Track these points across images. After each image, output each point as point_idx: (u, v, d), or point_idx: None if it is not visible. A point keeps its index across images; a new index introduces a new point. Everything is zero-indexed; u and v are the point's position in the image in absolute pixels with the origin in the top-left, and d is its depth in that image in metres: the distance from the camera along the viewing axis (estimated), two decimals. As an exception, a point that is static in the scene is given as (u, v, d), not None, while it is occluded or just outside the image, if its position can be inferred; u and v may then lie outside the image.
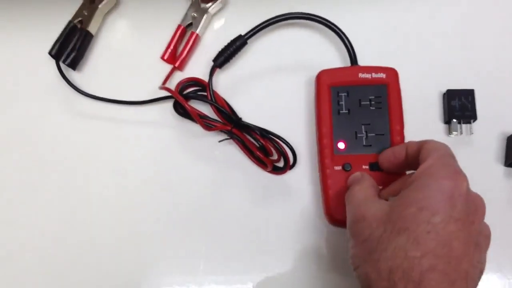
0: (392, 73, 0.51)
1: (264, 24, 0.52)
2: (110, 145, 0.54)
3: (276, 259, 0.51)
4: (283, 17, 0.52)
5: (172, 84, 0.54)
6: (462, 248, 0.36)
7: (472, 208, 0.38)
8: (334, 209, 0.49)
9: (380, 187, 0.47)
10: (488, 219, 0.48)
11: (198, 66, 0.56)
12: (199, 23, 0.56)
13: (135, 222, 0.52)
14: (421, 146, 0.43)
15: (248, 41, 0.53)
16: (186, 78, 0.53)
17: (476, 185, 0.49)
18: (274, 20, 0.52)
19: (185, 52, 0.55)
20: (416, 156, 0.43)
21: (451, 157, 0.41)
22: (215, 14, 0.58)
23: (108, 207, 0.53)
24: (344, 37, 0.52)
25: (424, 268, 0.35)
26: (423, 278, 0.35)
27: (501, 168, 0.52)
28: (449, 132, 0.52)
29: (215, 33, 0.58)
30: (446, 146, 0.42)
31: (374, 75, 0.51)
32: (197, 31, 0.56)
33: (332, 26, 0.52)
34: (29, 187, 0.54)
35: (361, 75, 0.51)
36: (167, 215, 0.52)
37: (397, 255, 0.36)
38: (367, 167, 0.49)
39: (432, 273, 0.35)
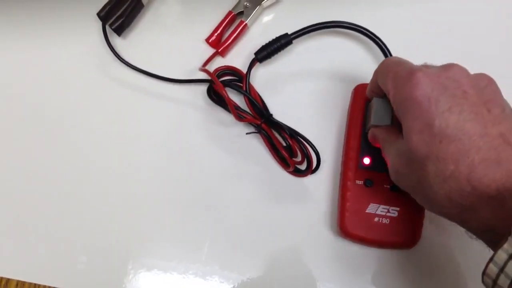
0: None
1: (311, 28, 0.56)
2: (137, 117, 0.58)
3: (278, 260, 0.54)
4: (332, 24, 0.56)
5: (211, 68, 0.57)
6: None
7: (446, 81, 0.41)
8: (349, 221, 0.52)
9: None
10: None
11: (239, 56, 0.60)
12: (250, 13, 0.59)
13: (146, 197, 0.56)
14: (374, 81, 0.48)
15: (293, 41, 0.56)
16: (224, 66, 0.56)
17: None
18: (323, 25, 0.56)
19: (231, 39, 0.59)
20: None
21: (396, 65, 0.44)
22: (267, 7, 0.61)
23: (121, 178, 0.57)
24: (388, 54, 0.56)
25: None
26: None
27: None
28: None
29: (263, 27, 0.61)
30: (384, 62, 0.47)
31: (412, 96, 0.53)
32: (247, 21, 0.59)
33: (378, 41, 0.56)
34: (49, 141, 0.58)
35: (399, 94, 0.53)
36: (180, 196, 0.56)
37: None
38: (388, 186, 0.52)
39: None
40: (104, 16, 0.59)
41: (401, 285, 0.53)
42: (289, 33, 0.56)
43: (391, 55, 0.56)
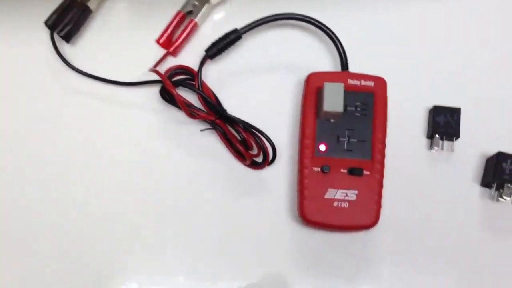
0: (380, 82, 0.55)
1: (260, 21, 0.56)
2: (91, 122, 0.58)
3: (245, 255, 0.55)
4: (280, 16, 0.56)
5: (164, 68, 0.57)
6: None
7: None
8: (308, 209, 0.53)
9: None
10: (461, 237, 0.53)
11: (191, 55, 0.60)
12: (199, 12, 0.60)
13: (105, 204, 0.56)
14: None
15: (243, 36, 0.57)
16: (176, 65, 0.57)
17: (450, 203, 0.54)
18: (271, 18, 0.56)
19: (181, 38, 0.59)
20: None
21: None
22: (216, 5, 0.61)
23: (80, 186, 0.56)
24: (338, 43, 0.56)
25: None
26: None
27: (477, 188, 0.56)
28: (431, 147, 0.56)
29: (214, 24, 0.61)
30: None
31: (363, 82, 0.55)
32: (196, 19, 0.59)
33: (327, 30, 0.56)
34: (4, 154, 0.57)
35: (350, 81, 0.55)
36: (138, 200, 0.56)
37: None
38: (345, 171, 0.53)
39: None
40: (52, 24, 0.58)
41: (366, 265, 0.54)
42: (238, 28, 0.57)
43: (340, 43, 0.57)
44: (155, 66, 0.58)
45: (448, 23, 0.61)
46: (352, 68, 0.57)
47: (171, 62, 0.60)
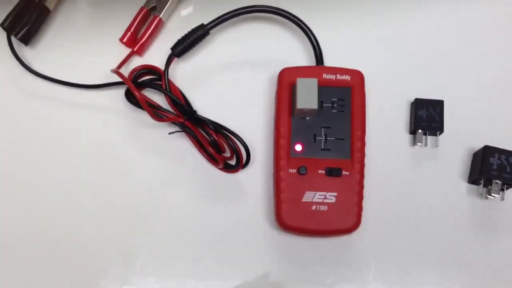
0: (357, 76, 0.52)
1: (228, 15, 0.53)
2: (54, 128, 0.55)
3: (221, 263, 0.52)
4: (249, 9, 0.54)
5: (129, 69, 0.54)
6: None
7: None
8: (286, 213, 0.50)
9: None
10: (448, 237, 0.51)
11: (158, 54, 0.57)
12: (163, 7, 0.57)
13: (73, 214, 0.53)
14: None
15: (211, 31, 0.54)
16: (141, 65, 0.54)
17: (436, 202, 0.51)
18: (239, 11, 0.53)
19: (146, 36, 0.56)
20: None
21: None
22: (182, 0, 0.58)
23: (46, 195, 0.53)
24: (311, 35, 0.54)
25: None
26: None
27: (464, 185, 0.53)
28: (414, 143, 0.53)
29: (181, 21, 0.59)
30: None
31: (338, 76, 0.52)
32: (161, 16, 0.57)
33: (299, 22, 0.54)
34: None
35: (325, 75, 0.52)
36: (109, 207, 0.53)
37: None
38: (323, 172, 0.50)
39: None
40: (9, 26, 0.55)
41: (349, 270, 0.52)
42: (205, 23, 0.53)
43: (314, 36, 0.54)
44: (119, 66, 0.55)
45: (429, 11, 0.59)
46: (328, 62, 0.54)
47: (138, 61, 0.57)
